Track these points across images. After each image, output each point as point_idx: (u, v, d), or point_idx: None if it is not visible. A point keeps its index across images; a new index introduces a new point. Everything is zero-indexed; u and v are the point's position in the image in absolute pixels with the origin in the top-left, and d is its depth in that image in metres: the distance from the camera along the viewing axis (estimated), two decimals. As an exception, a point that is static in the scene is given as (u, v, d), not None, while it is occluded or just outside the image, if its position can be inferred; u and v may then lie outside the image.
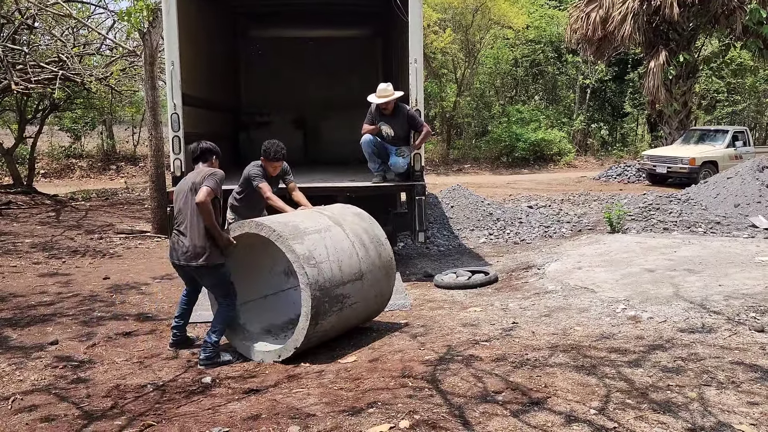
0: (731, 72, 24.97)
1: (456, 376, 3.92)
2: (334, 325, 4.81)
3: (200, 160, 5.05)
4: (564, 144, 24.56)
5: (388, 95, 7.10)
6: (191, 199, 4.72)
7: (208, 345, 4.72)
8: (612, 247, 7.43)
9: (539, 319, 5.19)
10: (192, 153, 5.14)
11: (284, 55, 11.74)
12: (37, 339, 5.39)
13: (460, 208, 10.81)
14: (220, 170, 4.93)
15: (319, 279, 4.55)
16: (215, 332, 4.76)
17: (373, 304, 5.21)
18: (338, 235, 4.93)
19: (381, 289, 5.20)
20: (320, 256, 4.63)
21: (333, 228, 4.97)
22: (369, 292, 5.04)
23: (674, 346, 4.24)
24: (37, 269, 8.17)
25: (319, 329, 4.65)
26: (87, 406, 3.98)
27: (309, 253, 4.57)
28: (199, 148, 5.08)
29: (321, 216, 5.12)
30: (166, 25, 6.96)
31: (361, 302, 4.99)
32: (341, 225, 5.06)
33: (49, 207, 13.32)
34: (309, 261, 4.53)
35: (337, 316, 4.75)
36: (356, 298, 4.89)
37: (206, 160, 5.04)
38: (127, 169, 22.00)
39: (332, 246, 4.79)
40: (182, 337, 5.20)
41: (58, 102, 15.73)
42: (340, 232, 4.97)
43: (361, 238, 5.08)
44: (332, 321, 4.74)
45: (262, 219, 5.00)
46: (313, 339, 4.69)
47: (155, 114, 10.50)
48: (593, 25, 18.97)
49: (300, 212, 5.37)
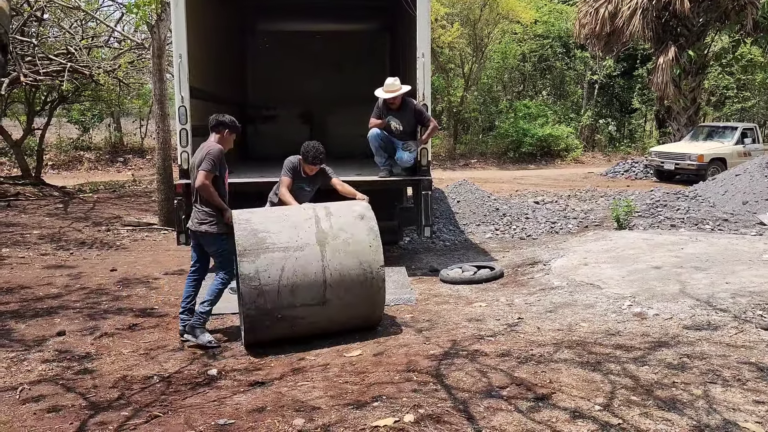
0: (741, 68, 24.77)
1: (461, 371, 3.93)
2: (287, 334, 4.86)
3: (213, 131, 5.24)
4: (571, 140, 24.46)
5: (396, 90, 7.09)
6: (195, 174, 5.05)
7: (199, 315, 4.95)
8: (618, 244, 7.41)
9: (544, 314, 5.19)
10: (209, 123, 5.30)
11: (291, 48, 11.73)
12: (44, 330, 5.42)
13: (467, 203, 10.79)
14: (217, 146, 5.08)
15: (258, 300, 4.64)
16: (204, 302, 4.97)
17: (347, 323, 5.00)
18: (310, 256, 4.77)
19: (357, 312, 4.97)
20: (268, 278, 4.65)
21: (309, 248, 4.80)
22: (337, 315, 4.92)
23: (680, 344, 4.23)
24: (45, 261, 8.21)
25: (263, 338, 4.84)
26: (93, 396, 4.01)
27: (255, 274, 4.64)
28: (214, 119, 5.26)
29: (311, 229, 4.93)
30: (174, 18, 6.96)
31: (325, 322, 4.91)
32: (324, 245, 4.84)
33: (57, 199, 13.38)
34: (251, 281, 4.63)
35: (288, 331, 4.82)
36: (315, 318, 4.83)
37: (218, 132, 5.22)
38: (134, 162, 22.05)
39: (292, 268, 4.71)
40: None
41: (67, 94, 15.78)
42: (316, 253, 4.79)
43: (342, 263, 4.82)
44: (280, 333, 4.82)
45: (248, 219, 4.93)
46: (262, 342, 4.87)
47: (163, 107, 10.51)
48: (602, 21, 18.85)
49: (296, 219, 5.09)
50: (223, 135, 5.23)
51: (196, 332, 4.93)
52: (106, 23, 14.36)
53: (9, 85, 12.49)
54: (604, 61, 25.68)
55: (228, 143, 5.28)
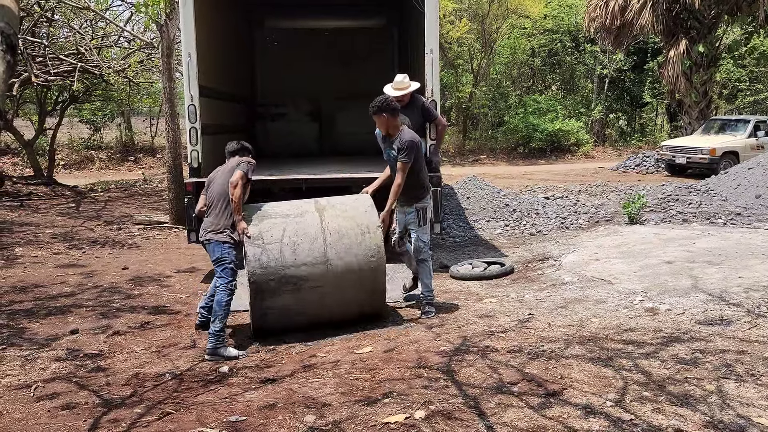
0: (754, 61, 24.51)
1: (471, 367, 3.92)
2: (290, 305, 4.95)
3: (236, 155, 5.32)
4: (581, 134, 24.32)
5: (404, 87, 7.04)
6: (222, 183, 5.06)
7: (212, 335, 4.79)
8: (630, 239, 7.36)
9: (555, 310, 5.17)
10: (229, 149, 5.37)
11: (300, 45, 11.74)
12: (57, 328, 5.47)
13: (476, 199, 10.76)
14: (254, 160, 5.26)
15: (262, 258, 4.87)
16: (215, 320, 4.84)
17: (352, 289, 5.09)
18: (310, 220, 5.10)
19: (361, 280, 5.07)
20: (271, 237, 4.95)
21: (308, 214, 5.16)
22: (341, 281, 5.02)
23: (692, 339, 4.20)
24: (58, 260, 8.29)
25: (271, 305, 4.91)
26: (107, 394, 4.04)
27: (258, 233, 4.95)
28: (239, 146, 5.35)
29: (310, 203, 5.34)
30: (182, 16, 6.98)
31: (330, 287, 5.00)
32: (322, 211, 5.18)
33: (69, 198, 13.49)
34: (255, 240, 4.91)
35: (293, 297, 4.92)
36: (320, 282, 4.96)
37: (242, 156, 5.30)
38: (145, 161, 22.19)
39: (293, 229, 5.02)
40: (208, 320, 5.28)
41: (77, 94, 15.88)
42: (315, 218, 5.12)
43: (340, 224, 5.09)
44: (287, 300, 4.91)
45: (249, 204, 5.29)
46: (270, 316, 4.97)
47: (172, 105, 10.56)
48: (612, 14, 18.71)
49: (295, 201, 5.49)
50: None
51: (219, 351, 4.72)
52: (116, 23, 14.42)
53: (20, 86, 12.60)
54: (614, 55, 25.50)
55: None
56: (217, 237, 4.99)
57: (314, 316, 5.14)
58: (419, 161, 5.47)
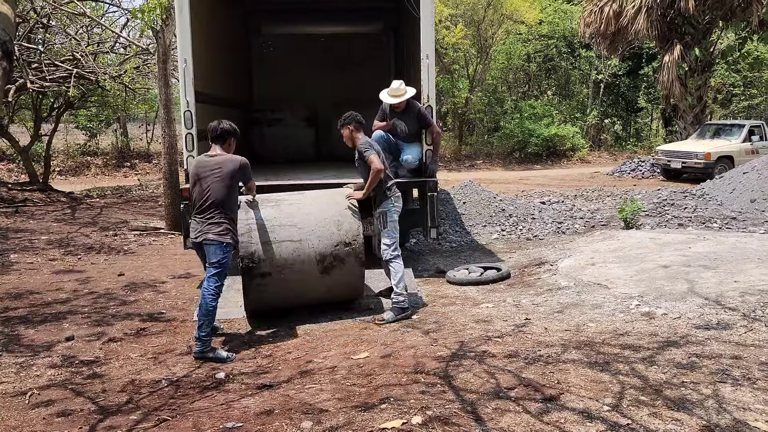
0: (748, 66, 24.65)
1: (469, 372, 3.92)
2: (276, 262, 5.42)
3: (218, 141, 5.19)
4: (577, 139, 24.38)
5: (401, 94, 7.05)
6: (220, 187, 4.97)
7: (198, 340, 4.78)
8: (626, 243, 7.38)
9: (552, 315, 5.18)
10: (211, 132, 5.23)
11: (296, 51, 11.76)
12: (53, 335, 5.45)
13: (472, 204, 10.77)
14: (242, 158, 5.18)
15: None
16: (202, 325, 4.80)
17: (327, 246, 5.55)
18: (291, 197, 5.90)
19: (335, 230, 5.58)
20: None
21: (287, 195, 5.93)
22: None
23: (689, 343, 4.20)
24: (53, 266, 8.26)
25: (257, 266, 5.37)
26: (102, 401, 4.03)
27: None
28: (219, 129, 5.19)
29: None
30: (178, 22, 6.99)
31: (308, 250, 5.49)
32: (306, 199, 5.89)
33: (65, 204, 13.46)
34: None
35: (276, 250, 5.44)
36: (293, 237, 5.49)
37: (224, 141, 5.20)
38: (141, 166, 22.16)
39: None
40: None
41: (73, 100, 15.87)
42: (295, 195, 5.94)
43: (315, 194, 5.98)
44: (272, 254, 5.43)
45: None
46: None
47: (168, 111, 10.56)
48: (606, 20, 18.81)
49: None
50: (231, 144, 5.25)
51: (209, 355, 4.74)
52: (112, 29, 14.42)
53: (16, 92, 12.57)
54: (609, 60, 25.61)
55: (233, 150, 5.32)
56: (222, 239, 4.94)
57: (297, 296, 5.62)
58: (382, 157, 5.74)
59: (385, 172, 5.70)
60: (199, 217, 5.04)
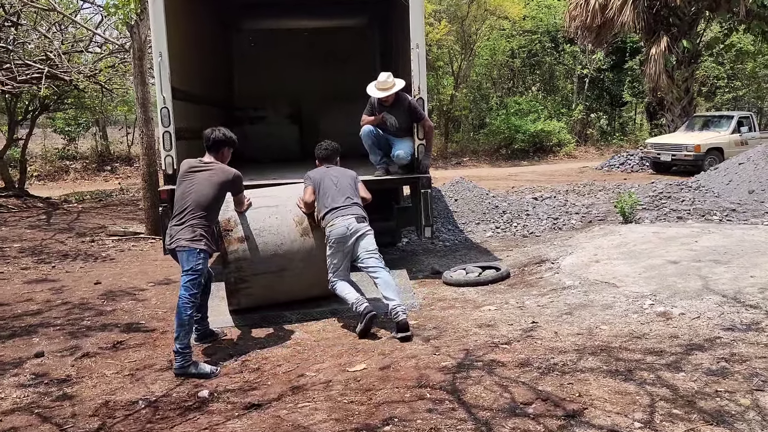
0: (732, 57, 24.62)
1: (478, 385, 3.56)
2: None
3: (212, 150, 4.88)
4: (563, 134, 24.19)
5: (389, 87, 6.68)
6: (205, 193, 4.64)
7: (178, 353, 4.41)
8: (629, 238, 7.07)
9: (560, 317, 4.83)
10: (204, 141, 4.91)
11: (278, 46, 11.35)
12: (21, 351, 5.01)
13: (464, 201, 10.43)
14: (235, 171, 4.87)
15: None
16: (177, 339, 4.43)
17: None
18: None
19: None
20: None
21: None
22: None
23: (714, 346, 3.88)
24: (25, 275, 7.78)
25: None
26: (71, 427, 3.61)
27: None
28: (212, 139, 4.87)
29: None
30: (152, 13, 6.54)
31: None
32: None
33: (41, 210, 12.92)
34: None
35: None
36: None
37: (218, 150, 4.89)
38: (122, 170, 21.59)
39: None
40: (205, 331, 5.06)
41: (48, 102, 15.30)
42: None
43: None
44: None
45: None
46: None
47: (146, 110, 10.09)
48: (593, 12, 18.60)
49: None
50: (225, 154, 4.95)
51: (190, 370, 4.36)
52: (86, 26, 13.87)
53: (-14, 94, 12.02)
54: (593, 54, 25.45)
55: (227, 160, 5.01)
56: (195, 245, 4.55)
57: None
58: (322, 188, 5.41)
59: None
60: (175, 221, 4.66)
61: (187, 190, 4.69)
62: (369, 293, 5.79)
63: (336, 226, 5.16)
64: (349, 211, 5.21)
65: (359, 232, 5.17)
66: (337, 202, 5.25)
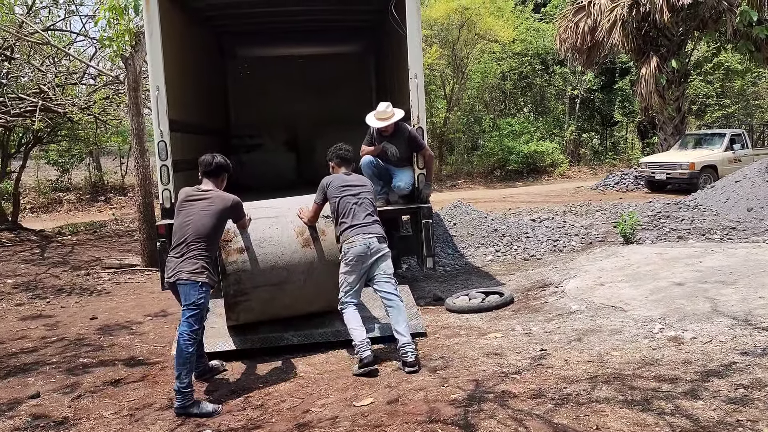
0: (721, 76, 24.91)
1: (492, 419, 3.45)
2: None
3: (211, 176, 4.84)
4: (557, 155, 24.32)
5: (388, 117, 6.62)
6: (204, 224, 4.56)
7: (179, 392, 4.28)
8: (632, 260, 7.01)
9: (569, 344, 4.74)
10: (204, 167, 4.86)
11: (274, 74, 11.37)
12: (16, 392, 4.88)
13: (463, 224, 10.38)
14: (235, 197, 4.83)
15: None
16: (178, 378, 4.31)
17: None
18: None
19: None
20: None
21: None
22: None
23: (730, 371, 3.79)
24: (20, 312, 7.64)
25: None
26: (71, 474, 3.48)
27: None
28: (214, 163, 4.85)
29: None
30: (149, 47, 6.52)
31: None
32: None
33: (35, 243, 12.77)
34: None
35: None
36: None
37: (218, 176, 4.87)
38: (116, 200, 21.47)
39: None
40: (204, 368, 4.93)
41: (42, 135, 15.24)
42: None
43: None
44: None
45: None
46: None
47: (141, 141, 10.04)
48: (582, 35, 18.83)
49: None
50: (224, 180, 4.93)
51: (192, 410, 4.24)
52: (80, 59, 13.88)
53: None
54: (583, 75, 25.70)
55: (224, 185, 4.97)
56: (197, 278, 4.45)
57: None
58: (341, 202, 5.18)
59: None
60: (174, 253, 4.56)
61: (186, 221, 4.60)
62: (374, 309, 5.72)
63: (355, 244, 5.01)
64: (370, 230, 5.08)
65: (380, 253, 5.06)
66: (359, 219, 5.12)
